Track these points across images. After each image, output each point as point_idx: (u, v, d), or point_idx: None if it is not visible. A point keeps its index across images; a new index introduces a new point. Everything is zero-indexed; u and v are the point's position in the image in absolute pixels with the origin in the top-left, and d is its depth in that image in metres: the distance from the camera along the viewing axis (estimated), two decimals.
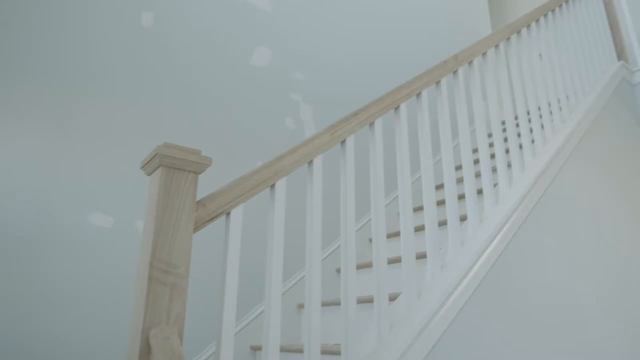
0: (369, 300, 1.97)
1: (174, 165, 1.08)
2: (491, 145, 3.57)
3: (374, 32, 3.62)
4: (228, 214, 1.19)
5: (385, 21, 3.75)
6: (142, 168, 1.15)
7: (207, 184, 2.40)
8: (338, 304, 2.16)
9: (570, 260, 2.07)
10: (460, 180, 3.10)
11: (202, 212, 1.13)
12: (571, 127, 2.48)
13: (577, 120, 2.54)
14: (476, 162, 3.35)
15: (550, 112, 2.77)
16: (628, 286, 2.39)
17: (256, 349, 2.31)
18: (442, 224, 2.39)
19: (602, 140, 2.68)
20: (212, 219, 1.15)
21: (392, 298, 1.87)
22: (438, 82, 1.93)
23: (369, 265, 2.39)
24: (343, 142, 1.51)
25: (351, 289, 1.39)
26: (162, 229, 1.04)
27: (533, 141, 2.35)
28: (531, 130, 2.40)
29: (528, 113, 3.42)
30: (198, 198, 2.32)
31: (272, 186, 1.30)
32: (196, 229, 1.12)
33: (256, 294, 2.42)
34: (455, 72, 2.02)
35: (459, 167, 3.33)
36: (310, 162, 1.41)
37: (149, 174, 1.14)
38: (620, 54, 3.32)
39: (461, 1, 4.60)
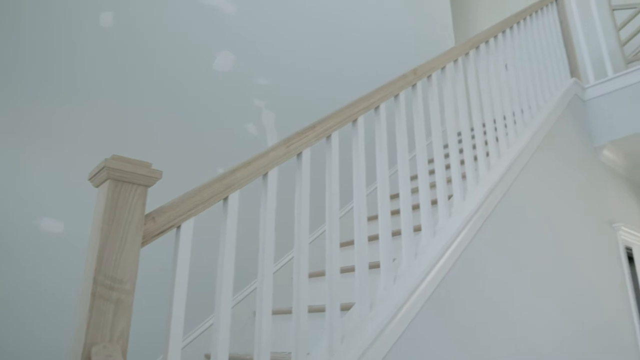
0: (322, 310, 1.99)
1: (122, 179, 1.06)
2: (447, 156, 3.66)
3: (341, 42, 3.65)
4: (178, 227, 1.18)
5: (352, 32, 3.79)
6: (89, 180, 1.12)
7: (165, 191, 2.37)
8: (291, 312, 2.17)
9: (520, 273, 2.14)
10: (416, 190, 3.16)
11: (151, 225, 1.12)
12: (525, 141, 2.56)
13: (530, 134, 2.63)
14: (432, 172, 3.42)
15: (505, 126, 2.86)
16: (577, 291, 2.49)
17: (210, 357, 2.29)
18: (398, 233, 2.44)
19: (554, 155, 2.79)
20: (162, 232, 1.14)
21: (347, 307, 1.89)
22: (397, 96, 1.96)
23: (324, 273, 2.41)
24: (299, 154, 1.52)
25: (303, 300, 1.40)
26: (108, 243, 1.02)
27: (488, 154, 2.43)
28: (486, 143, 2.47)
29: (484, 125, 3.52)
30: (150, 210, 2.28)
31: (225, 199, 1.29)
32: (144, 242, 1.10)
33: (210, 304, 2.39)
34: (414, 85, 2.06)
35: (415, 177, 3.39)
36: (265, 175, 1.41)
37: (97, 186, 1.11)
38: (574, 71, 3.46)
39: (426, 15, 4.69)
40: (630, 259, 3.65)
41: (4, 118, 2.01)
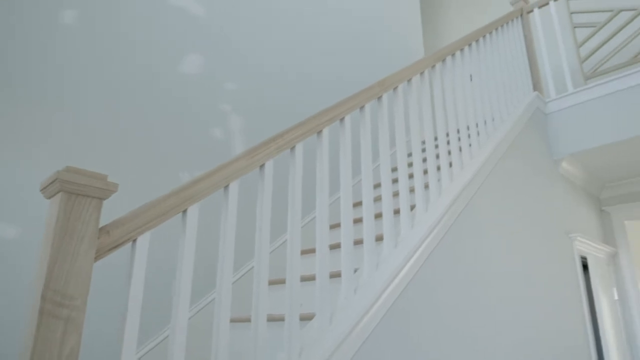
0: (283, 319, 1.99)
1: (75, 191, 1.04)
2: (411, 165, 3.71)
3: (312, 48, 3.66)
4: (134, 240, 1.15)
5: (323, 38, 3.80)
6: (41, 191, 1.09)
7: (124, 196, 2.32)
8: (250, 320, 2.16)
9: (478, 285, 2.19)
10: (380, 198, 3.20)
11: (106, 239, 1.09)
12: (487, 153, 2.62)
13: (493, 146, 2.69)
14: (397, 181, 3.46)
15: (469, 136, 2.92)
16: (533, 299, 2.57)
17: None
18: (361, 242, 2.45)
19: (515, 166, 2.86)
20: (117, 246, 1.12)
21: (308, 317, 1.89)
22: (362, 107, 1.98)
23: (285, 281, 2.41)
24: (262, 166, 1.52)
25: (262, 311, 1.40)
26: (58, 258, 0.99)
27: (451, 164, 2.48)
28: (449, 153, 2.52)
29: (447, 135, 3.59)
30: (106, 221, 2.22)
31: (184, 212, 1.27)
32: (98, 257, 1.08)
33: (167, 314, 2.35)
34: (379, 97, 2.08)
35: (378, 185, 3.42)
36: (227, 187, 1.40)
37: (48, 198, 1.08)
38: (536, 85, 3.56)
39: (398, 24, 4.75)
40: (585, 267, 3.79)
41: None
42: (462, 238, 2.18)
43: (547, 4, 3.70)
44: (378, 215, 2.71)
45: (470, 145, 2.86)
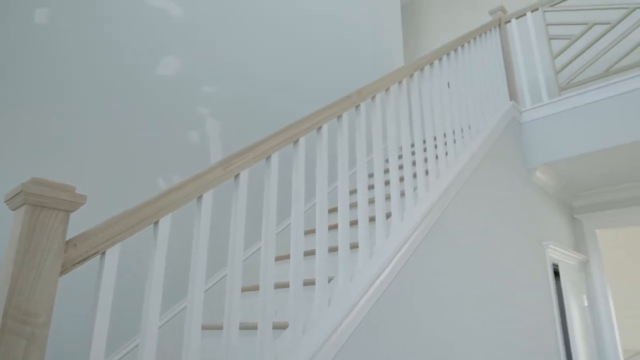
0: (255, 327, 1.97)
1: (41, 204, 1.01)
2: (387, 171, 3.74)
3: (294, 53, 3.65)
4: (103, 253, 1.13)
5: (303, 43, 3.79)
6: (5, 202, 1.06)
7: (97, 202, 2.27)
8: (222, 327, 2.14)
9: (455, 292, 2.21)
10: (356, 205, 3.20)
11: (73, 252, 1.06)
12: (463, 162, 2.65)
13: (469, 155, 2.72)
14: (372, 187, 3.48)
15: (445, 144, 2.95)
16: (506, 307, 2.60)
17: None
18: (336, 249, 2.45)
19: (491, 175, 2.90)
20: (84, 259, 1.09)
21: (283, 326, 1.88)
22: (340, 116, 1.98)
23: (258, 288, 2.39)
24: (237, 176, 1.50)
25: (234, 318, 1.39)
26: (21, 274, 0.96)
27: (427, 172, 2.50)
28: (426, 160, 2.53)
29: (424, 142, 3.63)
30: (78, 231, 2.17)
31: (156, 223, 1.25)
32: (64, 271, 1.05)
33: (136, 322, 2.31)
34: (357, 106, 2.09)
35: (355, 191, 3.43)
36: (200, 197, 1.38)
37: (13, 210, 1.05)
38: (513, 95, 3.62)
39: (379, 31, 4.78)
40: (557, 274, 3.86)
41: None
42: (436, 248, 2.20)
43: (524, 15, 3.76)
44: (354, 222, 2.71)
45: (446, 154, 2.89)
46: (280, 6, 3.67)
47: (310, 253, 2.53)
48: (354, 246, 2.38)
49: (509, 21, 3.84)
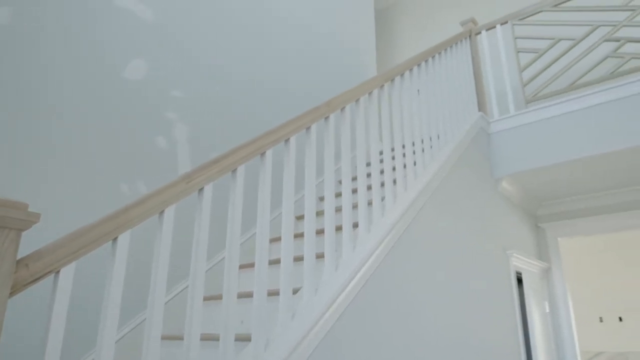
0: (214, 339, 1.96)
1: None
2: (355, 179, 3.76)
3: (267, 59, 3.63)
4: (57, 272, 1.09)
5: (279, 50, 3.78)
6: None
7: (56, 209, 2.21)
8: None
9: (420, 303, 2.24)
10: (322, 213, 3.21)
11: (24, 273, 1.03)
12: (432, 172, 2.68)
13: (438, 166, 2.75)
14: (339, 194, 3.49)
15: (414, 152, 2.98)
16: (471, 315, 2.65)
17: None
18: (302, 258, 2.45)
19: (458, 185, 2.95)
20: (37, 279, 1.06)
21: (246, 338, 1.87)
22: (308, 128, 1.97)
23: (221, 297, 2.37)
24: (201, 190, 1.48)
25: (195, 330, 1.37)
26: None
27: (395, 181, 2.52)
28: (394, 169, 2.55)
29: (393, 150, 3.67)
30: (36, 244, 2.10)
31: (115, 240, 1.22)
32: (14, 292, 1.01)
33: (93, 336, 2.24)
34: (327, 118, 2.09)
35: (322, 199, 3.43)
36: (162, 212, 1.36)
37: None
38: (481, 106, 3.69)
39: (352, 39, 4.80)
40: (520, 281, 3.95)
41: None
42: (403, 260, 2.22)
43: (494, 27, 3.84)
44: (321, 231, 2.71)
45: (415, 163, 2.92)
46: (253, 11, 3.65)
47: (276, 262, 2.52)
48: (320, 256, 2.38)
49: (479, 33, 3.91)
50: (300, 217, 3.28)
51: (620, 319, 7.21)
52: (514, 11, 3.82)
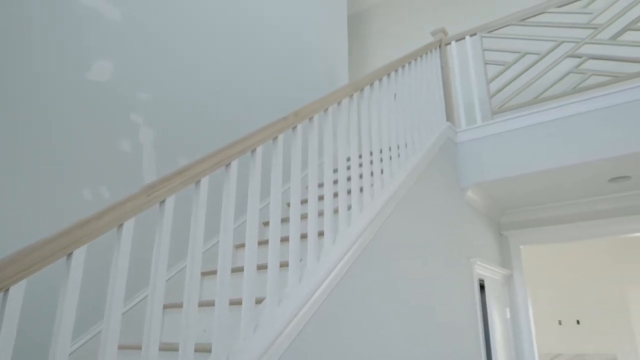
0: (175, 349, 1.93)
1: None
2: (321, 185, 3.77)
3: (238, 61, 3.59)
4: (7, 290, 1.06)
5: (251, 53, 3.75)
6: None
7: (16, 216, 2.13)
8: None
9: (385, 312, 2.26)
10: (287, 219, 3.20)
11: None
12: (399, 181, 2.70)
13: (405, 175, 2.78)
14: (306, 201, 3.49)
15: (381, 159, 3.01)
16: (436, 321, 2.69)
17: None
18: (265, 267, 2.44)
19: (425, 195, 2.99)
20: None
21: (207, 349, 1.85)
22: (275, 138, 1.97)
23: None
24: (162, 202, 1.46)
25: (154, 339, 1.35)
26: None
27: (361, 189, 2.54)
28: (361, 177, 2.57)
29: (360, 157, 3.70)
30: None
31: (69, 255, 1.19)
32: None
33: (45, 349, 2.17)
34: (294, 128, 2.08)
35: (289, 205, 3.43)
36: (121, 226, 1.33)
37: None
38: (449, 115, 3.75)
39: (325, 44, 4.80)
40: (483, 287, 4.04)
41: None
42: (367, 270, 2.24)
43: (463, 38, 3.91)
44: (285, 239, 2.70)
45: (382, 171, 2.95)
46: (225, 12, 3.61)
47: (240, 270, 2.50)
48: (285, 264, 2.38)
49: (449, 43, 3.98)
50: (267, 223, 3.27)
51: (578, 322, 7.46)
52: (483, 23, 3.90)
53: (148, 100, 2.78)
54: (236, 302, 2.17)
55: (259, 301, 2.13)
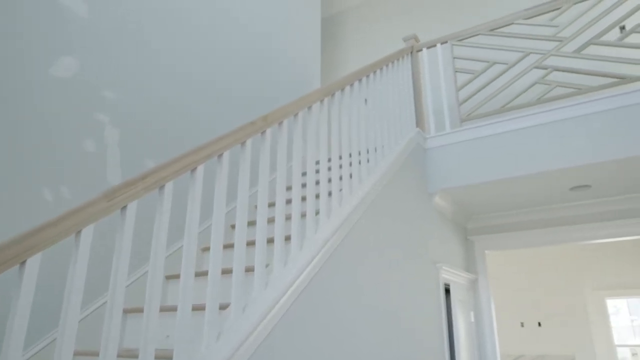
0: (135, 355, 1.89)
1: None
2: (289, 188, 3.76)
3: (209, 60, 3.54)
4: None
5: (222, 52, 3.70)
6: None
7: None
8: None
9: (352, 320, 2.26)
10: (254, 223, 3.18)
11: None
12: (368, 187, 2.71)
13: (374, 180, 2.79)
14: (273, 204, 3.48)
15: (350, 164, 3.02)
16: (402, 326, 2.72)
17: None
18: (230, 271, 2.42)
19: (394, 200, 3.01)
20: None
21: (168, 356, 1.82)
22: (244, 143, 1.95)
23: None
24: (124, 207, 1.42)
25: (112, 345, 1.31)
26: None
27: (330, 193, 2.55)
28: (330, 180, 2.58)
29: (329, 160, 3.70)
30: None
31: (23, 263, 1.15)
32: None
33: None
34: (263, 132, 2.07)
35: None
36: (79, 232, 1.29)
37: None
38: (419, 122, 3.79)
39: (299, 46, 4.79)
40: (448, 291, 4.11)
41: None
42: (334, 276, 2.24)
43: (434, 45, 3.96)
44: (252, 243, 2.68)
45: (351, 176, 2.96)
46: (197, 11, 3.56)
47: (206, 273, 2.47)
48: (250, 269, 2.36)
49: (421, 50, 4.02)
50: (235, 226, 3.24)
51: (539, 324, 7.68)
52: (454, 32, 3.97)
53: (114, 99, 2.71)
54: (201, 308, 2.14)
55: (224, 307, 2.10)
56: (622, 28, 4.35)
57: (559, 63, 3.65)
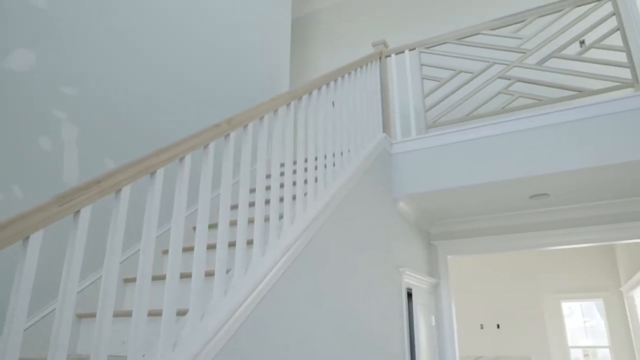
0: None
1: None
2: (253, 191, 3.72)
3: (174, 58, 3.46)
4: None
5: (189, 50, 3.63)
6: None
7: None
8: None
9: (314, 325, 2.25)
10: (216, 225, 3.13)
11: None
12: (333, 192, 2.71)
13: (338, 185, 2.79)
14: (236, 206, 3.43)
15: (316, 167, 3.01)
16: (364, 330, 2.72)
17: None
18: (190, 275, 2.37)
19: (358, 205, 3.02)
20: None
21: None
22: (207, 146, 1.91)
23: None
24: (77, 212, 1.37)
25: (61, 352, 1.26)
26: None
27: (294, 197, 2.53)
28: (294, 183, 2.56)
29: (295, 162, 3.69)
30: None
31: None
32: None
33: None
34: (227, 135, 2.03)
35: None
36: (27, 239, 1.23)
37: None
38: (386, 127, 3.82)
39: (266, 49, 4.75)
40: (410, 295, 4.16)
41: None
42: (296, 281, 2.22)
43: (403, 52, 4.00)
44: (213, 247, 2.63)
45: (316, 180, 2.95)
46: (165, 5, 3.47)
47: (164, 278, 2.41)
48: (211, 273, 2.32)
49: (389, 55, 4.05)
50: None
51: (498, 326, 7.89)
52: (423, 39, 4.01)
53: (73, 95, 2.61)
54: (160, 313, 2.08)
55: (183, 312, 2.05)
56: (582, 42, 4.50)
57: (522, 74, 3.75)
